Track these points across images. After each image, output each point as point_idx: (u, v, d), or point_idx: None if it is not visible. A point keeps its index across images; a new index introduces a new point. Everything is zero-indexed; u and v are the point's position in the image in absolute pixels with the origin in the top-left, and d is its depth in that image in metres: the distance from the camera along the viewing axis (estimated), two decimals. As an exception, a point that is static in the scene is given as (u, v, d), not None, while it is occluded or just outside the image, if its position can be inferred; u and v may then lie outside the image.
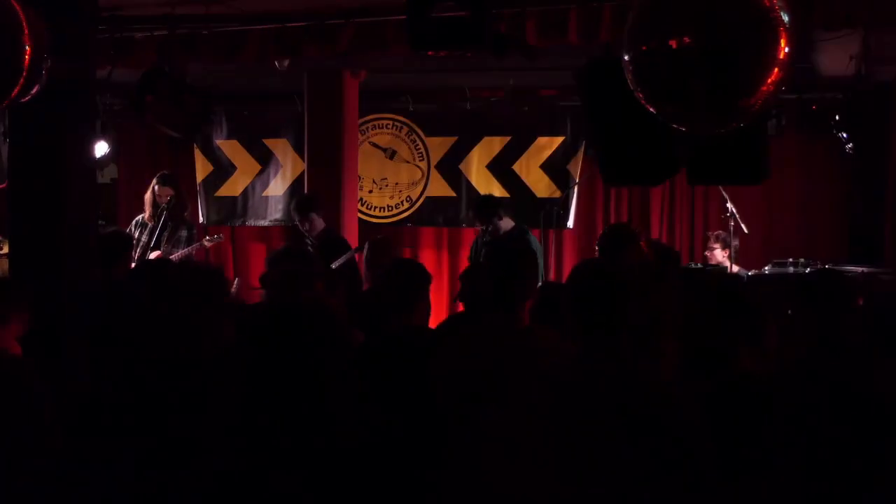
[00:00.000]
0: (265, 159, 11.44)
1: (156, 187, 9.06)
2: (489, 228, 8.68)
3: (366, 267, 5.90)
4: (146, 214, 9.11)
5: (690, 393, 3.08)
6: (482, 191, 10.79)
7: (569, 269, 10.78)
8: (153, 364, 3.11)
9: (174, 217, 8.97)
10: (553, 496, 2.85)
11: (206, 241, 9.36)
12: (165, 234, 8.96)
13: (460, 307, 5.53)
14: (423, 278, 4.71)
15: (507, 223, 8.81)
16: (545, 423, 2.91)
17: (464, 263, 9.63)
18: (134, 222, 9.20)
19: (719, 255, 9.27)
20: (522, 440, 3.00)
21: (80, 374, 4.22)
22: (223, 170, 11.56)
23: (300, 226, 8.67)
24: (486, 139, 10.99)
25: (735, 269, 9.05)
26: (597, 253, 6.20)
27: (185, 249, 8.97)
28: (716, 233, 9.57)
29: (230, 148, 11.53)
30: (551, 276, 10.17)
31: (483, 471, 3.17)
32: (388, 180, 11.29)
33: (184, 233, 9.04)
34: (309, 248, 8.06)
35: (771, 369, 3.65)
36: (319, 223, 8.62)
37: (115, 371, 3.16)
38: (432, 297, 4.93)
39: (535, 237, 8.98)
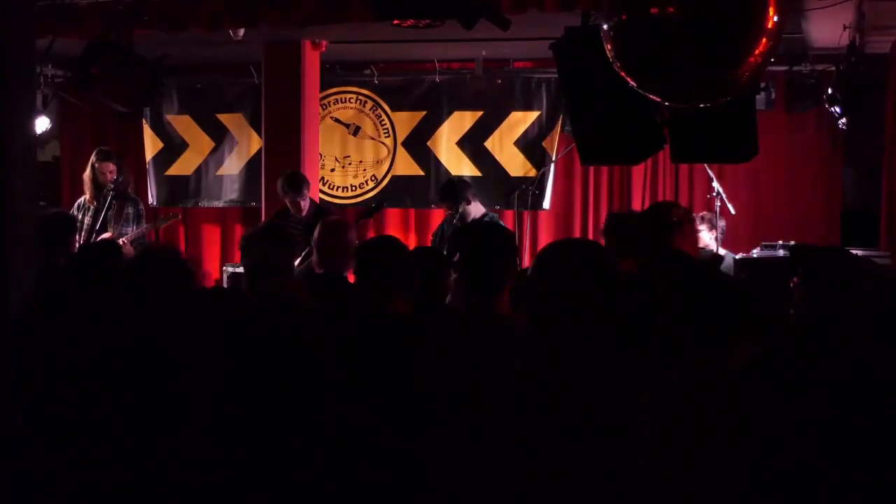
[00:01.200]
0: (219, 136, 11.39)
1: (96, 164, 8.99)
2: (457, 214, 8.55)
3: (316, 251, 5.81)
4: (87, 196, 9.02)
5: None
6: (452, 169, 10.79)
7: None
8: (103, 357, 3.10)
9: (120, 195, 8.90)
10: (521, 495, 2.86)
11: (160, 221, 9.35)
12: (111, 213, 8.89)
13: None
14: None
15: (476, 209, 8.67)
16: (516, 418, 2.91)
17: (433, 247, 9.53)
18: (76, 205, 9.14)
19: (706, 237, 9.16)
20: (494, 437, 3.02)
21: (16, 361, 4.18)
22: (174, 147, 11.49)
23: (293, 206, 8.64)
24: (456, 114, 10.98)
25: (722, 251, 8.99)
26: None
27: (137, 230, 8.91)
28: (701, 214, 9.40)
29: (182, 123, 11.47)
30: (526, 259, 10.16)
31: (463, 469, 3.18)
32: (352, 158, 11.27)
33: (130, 210, 8.97)
34: (295, 228, 7.87)
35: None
36: (308, 202, 8.67)
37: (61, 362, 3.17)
38: None
39: (505, 227, 8.86)
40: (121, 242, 8.48)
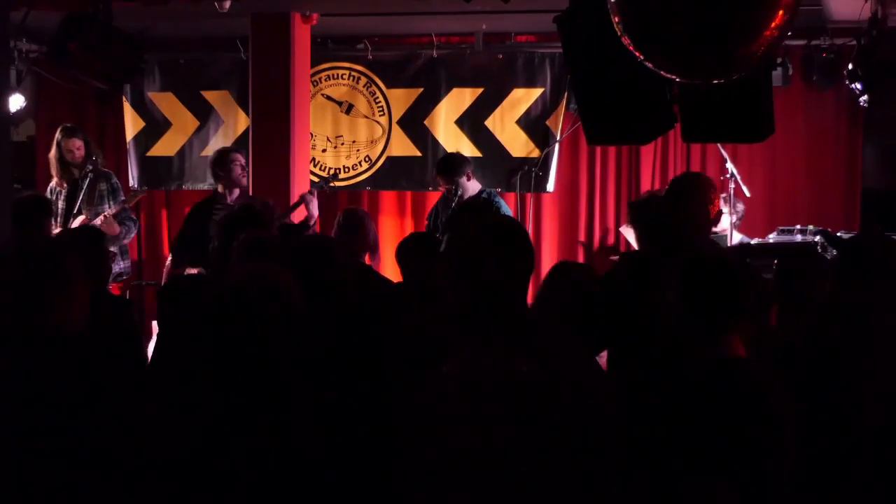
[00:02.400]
0: (204, 114, 11.36)
1: (61, 142, 8.94)
2: (454, 191, 8.59)
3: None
4: (55, 179, 8.96)
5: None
6: (450, 149, 10.72)
7: (548, 239, 10.94)
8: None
9: (93, 173, 8.84)
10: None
11: (128, 199, 9.25)
12: (83, 194, 8.85)
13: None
14: None
15: (474, 185, 8.74)
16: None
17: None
18: (48, 190, 9.11)
19: (723, 220, 9.18)
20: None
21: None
22: (156, 126, 11.45)
23: (224, 188, 8.50)
24: (454, 91, 10.98)
25: (737, 236, 9.12)
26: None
27: (116, 205, 8.86)
28: (721, 195, 9.55)
29: (164, 101, 11.43)
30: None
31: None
32: (344, 138, 11.25)
33: (103, 186, 8.91)
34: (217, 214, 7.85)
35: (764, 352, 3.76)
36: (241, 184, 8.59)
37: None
38: (392, 270, 4.93)
39: (505, 203, 8.93)
40: (99, 221, 8.46)
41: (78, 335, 3.28)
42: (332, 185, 9.77)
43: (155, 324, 8.16)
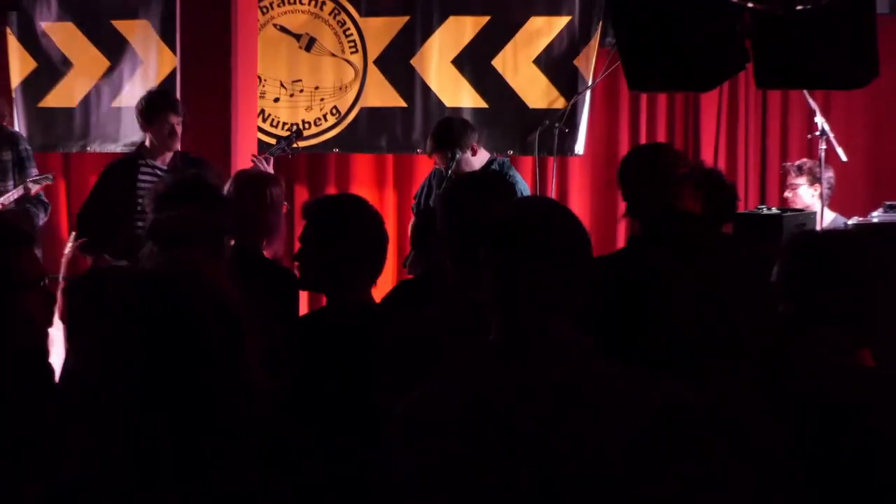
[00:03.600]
0: (117, 52, 11.35)
1: None
2: (452, 164, 8.54)
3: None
4: None
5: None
6: (447, 99, 10.79)
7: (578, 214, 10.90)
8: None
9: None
10: None
11: (31, 183, 9.33)
12: None
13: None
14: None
15: (481, 157, 8.73)
16: None
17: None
18: None
19: (805, 193, 9.40)
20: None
21: None
22: (53, 68, 11.45)
23: (154, 146, 8.59)
24: (451, 20, 11.00)
25: (829, 215, 9.17)
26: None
27: (16, 189, 8.96)
28: (798, 162, 9.65)
29: (63, 34, 11.43)
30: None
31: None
32: (304, 83, 11.27)
33: (7, 154, 8.95)
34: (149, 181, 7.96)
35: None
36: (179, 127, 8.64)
37: None
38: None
39: (520, 177, 8.90)
40: None
41: None
42: (295, 146, 9.81)
43: (60, 332, 8.07)
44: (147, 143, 8.55)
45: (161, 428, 2.95)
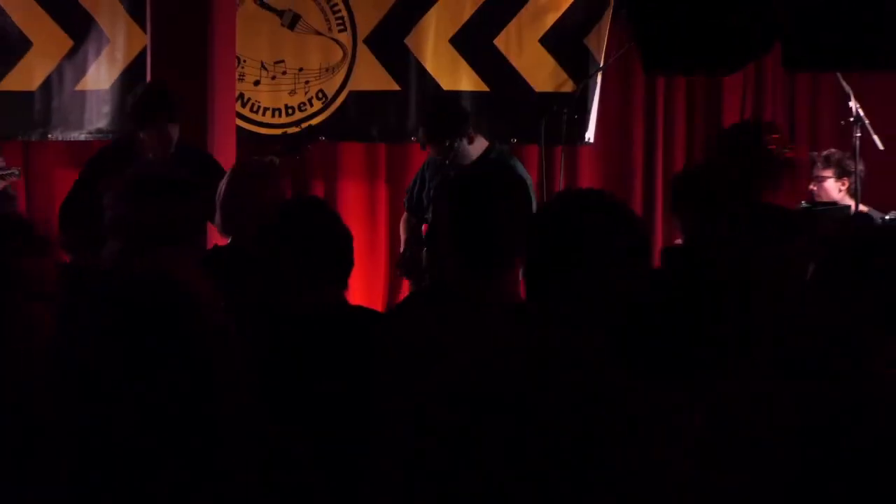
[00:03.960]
0: (80, 30, 11.18)
1: None
2: (449, 154, 8.35)
3: (220, 211, 6.18)
4: None
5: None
6: (444, 82, 10.74)
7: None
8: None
9: None
10: None
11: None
12: None
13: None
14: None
15: (478, 145, 8.50)
16: None
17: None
18: None
19: (832, 187, 9.35)
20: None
21: None
22: (9, 48, 11.25)
23: (151, 141, 8.32)
24: (449, -6, 11.19)
25: (862, 209, 9.08)
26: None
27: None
28: (826, 153, 9.57)
29: (21, 11, 11.23)
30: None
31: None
32: (287, 64, 11.12)
33: None
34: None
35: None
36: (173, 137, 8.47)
37: None
38: (363, 260, 5.45)
39: (522, 166, 8.69)
40: None
41: None
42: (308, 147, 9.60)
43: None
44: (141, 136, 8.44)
45: (146, 439, 2.89)
